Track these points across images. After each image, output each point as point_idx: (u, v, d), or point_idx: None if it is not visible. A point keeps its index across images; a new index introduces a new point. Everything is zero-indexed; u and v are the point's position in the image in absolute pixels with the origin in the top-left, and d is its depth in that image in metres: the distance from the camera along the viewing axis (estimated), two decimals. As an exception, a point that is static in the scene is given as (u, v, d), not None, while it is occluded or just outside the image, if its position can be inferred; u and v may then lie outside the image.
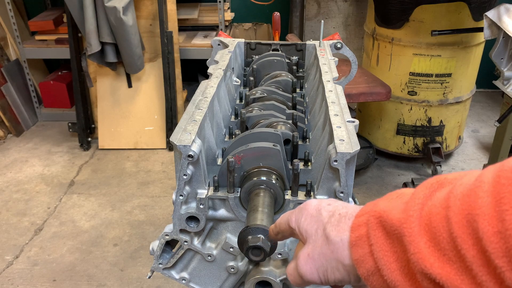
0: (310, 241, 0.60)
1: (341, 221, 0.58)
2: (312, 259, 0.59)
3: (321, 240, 0.58)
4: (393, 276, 0.49)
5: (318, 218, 0.60)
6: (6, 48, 4.09)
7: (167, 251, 1.09)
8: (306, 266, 0.59)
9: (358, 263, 0.53)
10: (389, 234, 0.50)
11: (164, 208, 3.04)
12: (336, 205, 0.61)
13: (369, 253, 0.51)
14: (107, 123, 3.75)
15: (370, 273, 0.51)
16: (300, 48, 1.73)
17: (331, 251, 0.57)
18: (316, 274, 0.59)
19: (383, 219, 0.51)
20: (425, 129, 3.26)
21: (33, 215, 2.99)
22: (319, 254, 0.58)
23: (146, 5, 3.56)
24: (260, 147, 1.00)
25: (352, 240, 0.54)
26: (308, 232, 0.61)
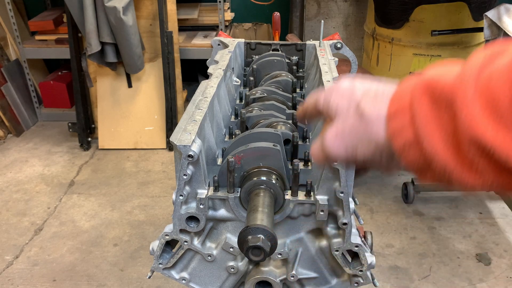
0: (339, 119, 0.57)
1: (377, 97, 0.54)
2: (341, 136, 0.56)
3: (353, 117, 0.55)
4: (434, 146, 0.46)
5: (351, 96, 0.57)
6: (6, 48, 4.09)
7: (167, 251, 1.09)
8: (334, 143, 0.56)
9: (395, 135, 0.50)
10: (437, 102, 0.46)
11: (164, 208, 3.04)
12: (371, 84, 0.58)
13: (409, 123, 0.48)
14: (107, 123, 3.75)
15: (408, 145, 0.49)
16: (300, 48, 1.73)
17: (365, 127, 0.54)
18: (344, 151, 0.56)
19: (431, 86, 0.47)
20: (425, 129, 3.26)
21: (33, 215, 2.99)
22: (350, 131, 0.55)
23: (146, 5, 3.56)
24: (260, 147, 1.00)
25: (391, 112, 0.51)
26: (339, 109, 0.57)
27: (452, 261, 2.57)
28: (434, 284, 2.42)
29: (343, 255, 1.00)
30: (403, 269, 2.51)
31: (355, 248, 0.98)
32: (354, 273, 1.01)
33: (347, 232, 0.97)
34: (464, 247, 2.67)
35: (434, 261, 2.57)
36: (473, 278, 2.45)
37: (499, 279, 2.45)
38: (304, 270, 1.08)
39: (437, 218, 2.91)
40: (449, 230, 2.81)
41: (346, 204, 0.93)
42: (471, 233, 2.78)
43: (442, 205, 3.04)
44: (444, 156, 0.46)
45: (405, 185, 3.03)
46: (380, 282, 2.41)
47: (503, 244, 2.69)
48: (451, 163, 0.45)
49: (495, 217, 2.93)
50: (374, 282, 1.06)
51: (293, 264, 1.06)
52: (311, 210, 1.02)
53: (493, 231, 2.80)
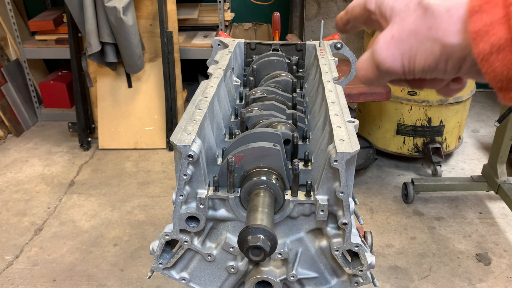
0: (396, 19, 0.46)
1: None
2: (397, 41, 0.45)
3: (414, 15, 0.44)
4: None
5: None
6: (6, 48, 4.09)
7: (167, 251, 1.09)
8: (388, 51, 0.45)
9: (478, 36, 0.39)
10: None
11: (164, 208, 3.04)
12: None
13: (502, 19, 0.37)
14: (107, 123, 3.75)
15: (496, 49, 0.38)
16: (300, 48, 1.73)
17: (429, 26, 0.42)
18: (400, 60, 0.45)
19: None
20: (425, 129, 3.26)
21: (33, 215, 2.99)
22: (409, 33, 0.44)
23: (146, 5, 3.56)
24: (260, 147, 1.00)
25: (474, 5, 0.39)
26: (395, 9, 0.46)
27: (452, 261, 2.57)
28: (434, 284, 2.42)
29: (343, 255, 1.00)
30: (403, 269, 2.51)
31: (355, 248, 0.98)
32: (354, 273, 1.01)
33: (347, 232, 0.97)
34: (464, 247, 2.67)
35: (434, 261, 2.57)
36: (473, 278, 2.45)
37: (499, 279, 2.45)
38: (304, 270, 1.08)
39: (437, 218, 2.91)
40: (449, 230, 2.81)
41: (346, 204, 0.93)
42: (471, 233, 2.78)
43: (442, 205, 3.04)
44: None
45: (405, 185, 3.03)
46: (380, 282, 2.41)
47: (503, 244, 2.69)
48: None
49: (495, 217, 2.93)
50: (374, 282, 1.06)
51: (293, 264, 1.06)
52: (311, 210, 1.02)
53: (493, 231, 2.80)
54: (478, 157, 3.62)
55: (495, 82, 0.40)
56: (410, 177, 3.12)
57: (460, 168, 3.49)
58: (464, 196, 3.12)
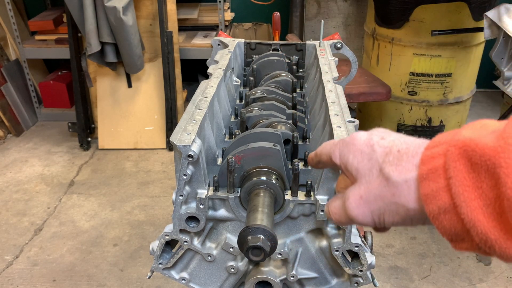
0: (362, 181, 0.54)
1: (402, 159, 0.50)
2: (366, 202, 0.53)
3: (378, 182, 0.52)
4: (473, 214, 0.42)
5: (371, 156, 0.53)
6: (6, 48, 4.09)
7: (167, 251, 1.09)
8: (359, 209, 0.53)
9: (428, 199, 0.46)
10: (475, 167, 0.43)
11: (164, 208, 3.04)
12: (391, 140, 0.54)
13: (444, 188, 0.45)
14: (107, 123, 3.75)
15: (442, 211, 0.45)
16: (300, 48, 1.73)
17: (392, 194, 0.50)
18: (370, 217, 0.53)
19: (469, 149, 0.43)
20: (425, 129, 3.26)
21: (33, 215, 2.99)
22: (376, 197, 0.52)
23: (146, 5, 3.56)
24: (260, 147, 1.00)
25: (423, 173, 0.47)
26: (360, 171, 0.54)
27: (452, 261, 2.57)
28: (434, 284, 2.42)
29: (343, 255, 1.00)
30: (403, 269, 2.51)
31: (355, 248, 0.98)
32: (354, 273, 1.01)
33: (347, 232, 0.97)
34: (464, 247, 2.67)
35: (434, 261, 2.57)
36: (473, 278, 2.45)
37: (499, 279, 2.44)
38: (304, 270, 1.08)
39: (437, 218, 2.91)
40: (449, 230, 2.81)
41: (346, 204, 0.93)
42: (471, 233, 2.78)
43: (442, 205, 3.04)
44: (485, 225, 0.42)
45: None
46: (380, 282, 2.41)
47: (503, 244, 2.69)
48: (493, 233, 0.42)
49: (495, 217, 2.93)
50: (374, 282, 1.06)
51: (293, 264, 1.06)
52: (311, 210, 1.01)
53: (493, 231, 2.80)
54: (478, 157, 3.61)
55: (446, 236, 0.47)
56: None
57: (460, 168, 3.48)
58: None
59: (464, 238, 0.45)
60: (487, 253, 0.45)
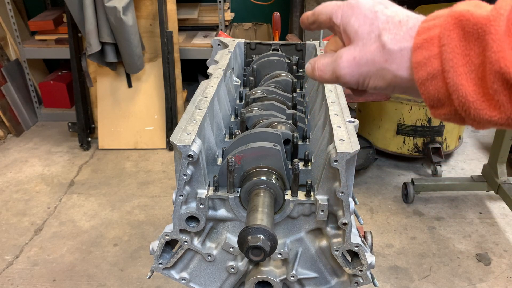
0: (358, 43, 0.55)
1: (401, 29, 0.52)
2: (357, 64, 0.55)
3: (374, 46, 0.54)
4: (458, 79, 0.46)
5: (373, 21, 0.55)
6: (6, 48, 4.09)
7: (167, 251, 1.09)
8: (349, 69, 0.56)
9: (419, 66, 0.49)
10: (467, 35, 0.46)
11: (164, 208, 3.04)
12: (394, 10, 0.55)
13: (436, 55, 0.48)
14: (107, 123, 3.75)
15: (431, 76, 0.48)
16: (300, 48, 1.73)
17: (385, 60, 0.53)
18: (356, 78, 0.56)
19: (464, 18, 0.46)
20: (425, 129, 3.26)
21: (33, 215, 2.99)
22: (368, 60, 0.54)
23: (146, 5, 3.56)
24: (260, 147, 1.00)
25: (417, 43, 0.50)
26: (359, 33, 0.55)
27: (452, 261, 2.57)
28: (434, 284, 2.42)
29: (343, 255, 1.00)
30: (403, 269, 2.51)
31: (355, 248, 0.98)
32: (354, 273, 1.01)
33: (347, 232, 0.97)
34: (464, 247, 2.67)
35: (434, 261, 2.57)
36: (473, 278, 2.45)
37: (499, 279, 2.45)
38: (304, 270, 1.08)
39: (437, 218, 2.91)
40: (449, 230, 2.81)
41: (346, 204, 0.93)
42: (471, 233, 2.78)
43: (442, 205, 3.04)
44: (467, 88, 0.46)
45: (405, 185, 3.03)
46: (380, 282, 2.41)
47: (503, 244, 2.69)
48: (472, 95, 0.46)
49: (495, 217, 2.93)
50: (374, 282, 1.06)
51: (293, 264, 1.06)
52: (311, 210, 1.02)
53: (493, 231, 2.80)
54: (478, 157, 3.62)
55: (429, 101, 0.51)
56: (410, 177, 3.12)
57: (460, 168, 3.49)
58: (464, 196, 3.12)
59: (444, 103, 0.49)
60: (461, 118, 0.49)
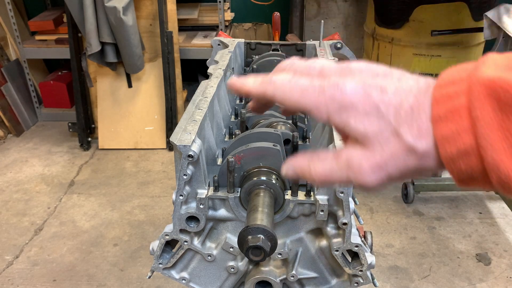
0: (376, 147, 0.47)
1: (419, 117, 0.44)
2: (385, 171, 0.47)
3: (397, 148, 0.46)
4: (498, 156, 0.41)
5: (379, 117, 0.46)
6: (6, 48, 4.09)
7: (167, 251, 1.09)
8: (375, 176, 0.47)
9: (446, 141, 0.43)
10: (504, 107, 0.41)
11: (164, 208, 3.04)
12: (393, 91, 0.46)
13: (468, 129, 0.42)
14: (107, 123, 3.75)
15: (462, 153, 0.42)
16: (300, 48, 1.73)
17: (419, 160, 0.45)
18: (387, 183, 0.48)
19: (499, 87, 0.41)
20: (425, 129, 3.26)
21: (33, 215, 2.99)
22: (398, 166, 0.46)
23: (146, 5, 3.56)
24: (260, 147, 1.00)
25: (439, 114, 0.43)
26: (370, 136, 0.47)
27: (452, 261, 2.57)
28: (434, 284, 2.42)
29: (343, 255, 1.00)
30: (403, 269, 2.51)
31: (355, 248, 0.98)
32: (354, 273, 1.01)
33: (347, 232, 0.97)
34: (464, 247, 2.67)
35: (434, 261, 2.57)
36: (473, 278, 2.45)
37: (499, 279, 2.45)
38: (304, 270, 1.08)
39: (437, 218, 2.91)
40: (449, 230, 2.81)
41: (346, 204, 0.93)
42: (471, 233, 2.78)
43: (442, 205, 3.04)
44: (508, 165, 0.41)
45: (405, 185, 3.03)
46: (380, 282, 2.41)
47: (503, 244, 2.69)
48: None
49: (495, 217, 2.93)
50: (374, 282, 1.06)
51: (293, 264, 1.06)
52: (311, 210, 1.02)
53: (493, 231, 2.80)
54: (478, 157, 3.61)
55: (458, 177, 0.44)
56: (410, 177, 3.12)
57: (460, 168, 3.48)
58: (464, 196, 3.12)
59: (477, 179, 0.43)
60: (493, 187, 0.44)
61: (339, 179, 0.49)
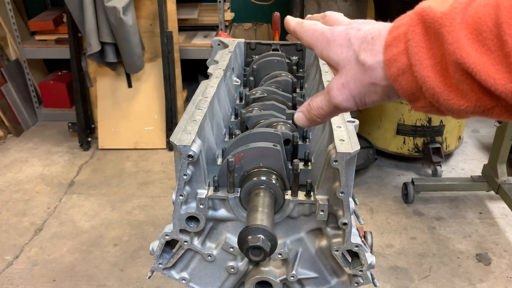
0: (343, 71, 0.58)
1: (375, 44, 0.54)
2: (347, 88, 0.57)
3: (355, 68, 0.56)
4: (425, 72, 0.48)
5: (349, 47, 0.57)
6: (6, 48, 4.09)
7: (167, 251, 1.09)
8: (342, 95, 0.58)
9: (390, 63, 0.51)
10: (428, 29, 0.48)
11: (164, 208, 3.04)
12: (366, 29, 0.57)
13: (403, 50, 0.50)
14: (107, 123, 3.75)
15: (401, 71, 0.51)
16: (300, 48, 1.73)
17: (369, 76, 0.55)
18: (353, 100, 0.58)
19: (425, 14, 0.49)
20: (425, 129, 3.26)
21: (33, 215, 2.99)
22: (355, 82, 0.56)
23: (146, 5, 3.56)
24: (260, 147, 1.00)
25: (388, 41, 0.52)
26: (340, 63, 0.58)
27: (452, 261, 2.57)
28: (434, 284, 2.42)
29: (343, 255, 1.00)
30: (403, 269, 2.51)
31: (355, 248, 0.98)
32: (354, 273, 1.01)
33: (347, 232, 0.97)
34: (464, 247, 2.67)
35: (434, 261, 2.57)
36: (473, 278, 2.45)
37: (499, 279, 2.45)
38: (304, 270, 1.08)
39: (437, 218, 2.91)
40: (449, 230, 2.81)
41: (346, 204, 0.93)
42: (471, 233, 2.78)
43: (442, 205, 3.04)
44: (433, 80, 0.48)
45: (405, 185, 3.03)
46: (380, 282, 2.41)
47: (503, 244, 2.69)
48: (439, 87, 0.48)
49: (495, 217, 2.93)
50: (374, 282, 1.06)
51: (293, 264, 1.06)
52: (311, 210, 1.02)
53: (493, 231, 2.80)
54: (478, 157, 3.62)
55: (406, 96, 0.53)
56: (410, 177, 3.12)
57: (460, 168, 3.48)
58: (464, 196, 3.12)
59: (419, 96, 0.51)
60: (438, 109, 0.51)
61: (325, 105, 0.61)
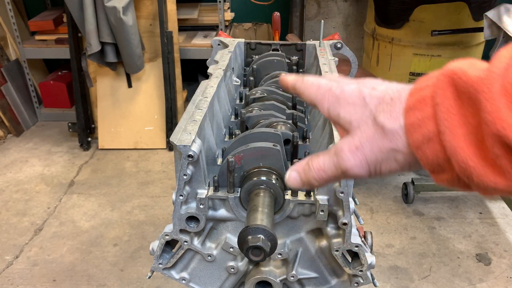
0: (356, 132, 0.51)
1: (395, 105, 0.49)
2: (361, 152, 0.50)
3: (372, 130, 0.50)
4: (456, 141, 0.42)
5: (364, 107, 0.52)
6: (6, 48, 4.08)
7: (167, 251, 1.09)
8: (354, 160, 0.51)
9: (413, 128, 0.46)
10: (461, 94, 0.43)
11: (164, 208, 3.04)
12: (383, 89, 0.52)
13: (431, 115, 0.44)
14: (107, 123, 3.75)
15: (426, 139, 0.45)
16: (300, 48, 1.73)
17: (389, 141, 0.49)
18: (367, 167, 0.51)
19: (457, 77, 0.43)
20: (425, 129, 3.25)
21: (33, 215, 2.99)
22: (372, 146, 0.50)
23: (146, 5, 3.56)
24: (260, 147, 1.00)
25: (409, 104, 0.46)
26: (353, 122, 0.52)
27: (452, 261, 2.57)
28: (434, 284, 2.42)
29: (343, 255, 1.00)
30: (403, 269, 2.51)
31: (355, 248, 0.98)
32: (354, 273, 1.01)
33: (347, 232, 0.97)
34: (464, 247, 2.67)
35: (434, 261, 2.57)
36: (473, 278, 2.45)
37: (499, 279, 2.45)
38: (304, 270, 1.08)
39: (437, 218, 2.91)
40: (449, 230, 2.81)
41: (346, 204, 0.93)
42: (471, 233, 2.78)
43: (442, 205, 3.04)
44: (466, 151, 0.42)
45: (405, 185, 3.03)
46: (380, 282, 2.41)
47: (503, 244, 2.69)
48: (472, 160, 0.42)
49: (495, 217, 2.93)
50: (374, 282, 1.06)
51: (293, 264, 1.06)
52: (311, 210, 1.02)
53: (493, 231, 2.80)
54: (478, 157, 3.61)
55: (428, 167, 0.47)
56: (410, 177, 3.12)
57: (460, 168, 3.48)
58: (464, 196, 3.12)
59: (445, 168, 0.46)
60: (466, 184, 0.45)
61: (330, 169, 0.53)
